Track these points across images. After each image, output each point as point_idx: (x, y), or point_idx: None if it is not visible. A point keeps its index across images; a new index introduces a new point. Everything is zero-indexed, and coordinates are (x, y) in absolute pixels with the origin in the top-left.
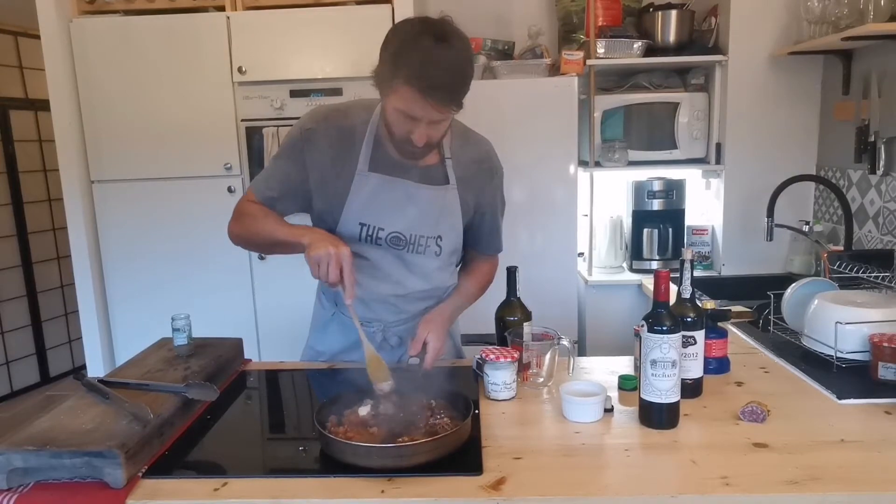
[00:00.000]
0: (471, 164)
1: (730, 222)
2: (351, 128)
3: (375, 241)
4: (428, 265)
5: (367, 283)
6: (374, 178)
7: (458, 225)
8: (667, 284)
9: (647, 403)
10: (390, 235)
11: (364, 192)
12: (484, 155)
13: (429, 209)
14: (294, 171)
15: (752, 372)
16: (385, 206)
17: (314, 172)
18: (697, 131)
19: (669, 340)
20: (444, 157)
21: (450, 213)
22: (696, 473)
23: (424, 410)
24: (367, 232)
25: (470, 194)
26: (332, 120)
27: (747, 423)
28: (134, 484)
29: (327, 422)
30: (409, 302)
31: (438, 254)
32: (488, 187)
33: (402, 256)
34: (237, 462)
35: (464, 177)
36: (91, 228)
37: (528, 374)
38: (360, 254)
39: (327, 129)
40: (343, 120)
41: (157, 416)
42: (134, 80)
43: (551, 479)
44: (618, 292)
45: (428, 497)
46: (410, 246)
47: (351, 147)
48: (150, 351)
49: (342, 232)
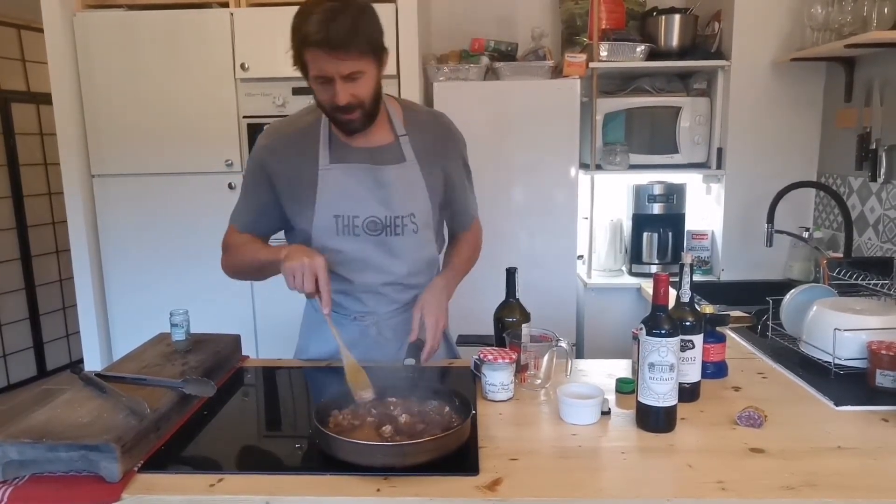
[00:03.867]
0: (426, 138)
1: (730, 227)
2: (303, 131)
3: (353, 230)
4: (408, 245)
5: (353, 275)
6: (338, 169)
7: (425, 199)
8: (666, 288)
9: (645, 407)
10: (367, 221)
11: (331, 184)
12: (438, 127)
13: (396, 188)
14: (263, 191)
15: (750, 377)
16: (354, 193)
17: (280, 182)
18: (699, 136)
19: (668, 344)
20: (397, 136)
21: (416, 189)
22: (692, 477)
23: (423, 410)
24: (343, 223)
25: (435, 168)
26: (283, 130)
27: (744, 427)
28: (130, 478)
29: (327, 418)
30: (399, 291)
31: (416, 231)
32: (452, 158)
33: (383, 241)
34: (233, 458)
35: (422, 151)
36: (91, 223)
37: (526, 376)
38: (342, 249)
39: (281, 139)
40: (293, 127)
41: (154, 410)
42: (136, 75)
43: (547, 480)
44: (617, 296)
45: (424, 497)
46: (388, 228)
47: (308, 149)
48: (147, 346)
49: (319, 229)
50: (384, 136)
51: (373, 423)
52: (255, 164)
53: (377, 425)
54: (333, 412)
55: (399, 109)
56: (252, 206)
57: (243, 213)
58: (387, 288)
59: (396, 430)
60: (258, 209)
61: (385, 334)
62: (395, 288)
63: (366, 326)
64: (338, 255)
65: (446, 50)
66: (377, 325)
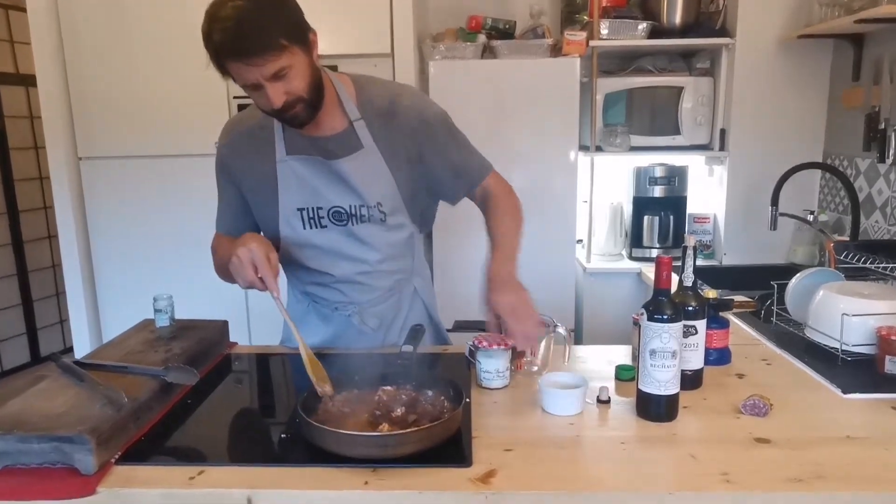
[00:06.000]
0: (384, 117)
1: (732, 210)
2: (259, 125)
3: (320, 222)
4: (377, 232)
5: (328, 268)
6: (295, 161)
7: (391, 185)
8: (668, 271)
9: (646, 395)
10: (332, 211)
11: (290, 177)
12: (396, 103)
13: (356, 178)
14: (232, 191)
15: (754, 364)
16: (315, 184)
17: (244, 180)
18: (701, 117)
19: (670, 330)
20: (351, 121)
21: (379, 176)
22: (695, 469)
23: (414, 398)
24: (308, 215)
25: (399, 148)
26: (239, 127)
27: (749, 416)
28: (106, 470)
29: (316, 406)
30: (377, 278)
31: (384, 220)
32: (420, 132)
33: (352, 231)
34: (216, 449)
35: (382, 134)
36: (79, 207)
37: (523, 363)
38: (312, 242)
39: (237, 136)
40: (249, 122)
41: (134, 399)
42: (124, 54)
43: (543, 471)
44: (617, 280)
45: (413, 489)
46: (354, 218)
47: (265, 143)
48: (131, 332)
49: (286, 224)
50: (336, 123)
51: (363, 413)
52: (219, 166)
53: (368, 416)
54: (323, 400)
55: (352, 89)
56: (228, 209)
57: (222, 217)
58: (363, 276)
59: (388, 421)
60: (234, 210)
61: (369, 323)
62: (371, 276)
63: (348, 316)
64: (311, 250)
65: (442, 28)
66: (360, 315)
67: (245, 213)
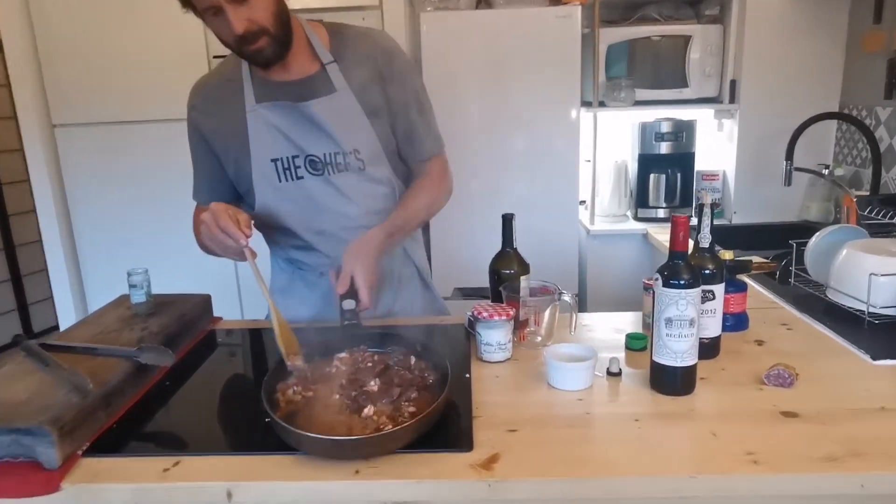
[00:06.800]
0: (359, 60)
1: (743, 166)
2: (227, 78)
3: (296, 172)
4: (355, 184)
5: (309, 223)
6: (265, 109)
7: (369, 132)
8: (686, 231)
9: (660, 367)
10: (308, 160)
11: (262, 127)
12: (372, 46)
13: (329, 123)
14: (206, 155)
15: (774, 329)
16: (288, 132)
17: (215, 139)
18: (710, 68)
19: (688, 296)
20: (323, 64)
21: (354, 120)
22: (718, 448)
23: (382, 364)
24: (283, 165)
25: (374, 94)
26: (206, 84)
27: (772, 387)
28: (72, 464)
29: (274, 396)
30: (360, 234)
31: (362, 168)
32: (390, 79)
33: (330, 181)
34: (194, 437)
35: (356, 77)
36: (56, 177)
37: (526, 333)
38: (289, 197)
39: (205, 94)
40: (216, 77)
41: (104, 384)
42: (95, 14)
43: (550, 454)
44: (621, 242)
45: (409, 478)
46: (330, 167)
47: (233, 96)
48: (107, 309)
49: (260, 180)
50: (307, 66)
51: (330, 394)
52: (190, 129)
53: (341, 397)
54: (279, 386)
55: (324, 34)
56: (204, 175)
57: (199, 186)
58: (345, 232)
59: (369, 400)
60: (210, 177)
61: None
62: (354, 232)
63: None
64: (288, 206)
65: None
66: None
67: (222, 179)
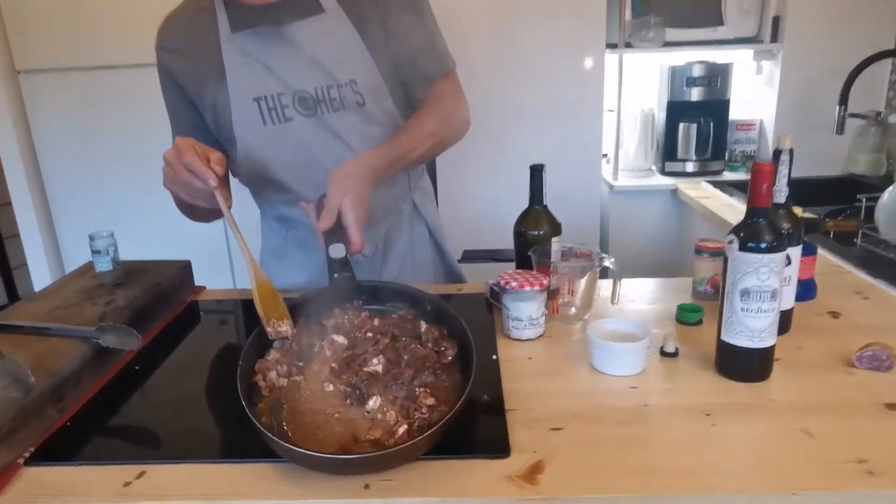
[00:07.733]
0: None
1: (783, 114)
2: (196, 11)
3: (283, 113)
4: (354, 124)
5: (301, 175)
6: (243, 38)
7: (366, 59)
8: (770, 182)
9: (732, 348)
10: (297, 97)
11: (239, 60)
12: None
13: (319, 48)
14: (181, 102)
15: (847, 298)
16: (271, 65)
17: (189, 82)
18: (749, 3)
19: (771, 262)
20: None
21: (348, 45)
22: (817, 453)
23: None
24: (269, 105)
25: (370, 15)
26: (172, 18)
27: (865, 371)
28: (12, 474)
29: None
30: None
31: (362, 102)
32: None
33: (323, 122)
34: (165, 439)
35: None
36: (23, 130)
37: (559, 305)
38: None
39: (174, 29)
40: (183, 14)
41: (55, 374)
42: None
43: (608, 461)
44: (648, 199)
45: (430, 496)
46: (323, 104)
47: (205, 29)
48: (69, 278)
49: (242, 122)
50: None
51: (322, 381)
52: (161, 73)
53: (335, 383)
54: (259, 366)
55: None
56: (181, 127)
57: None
58: None
59: (373, 385)
60: (188, 127)
61: None
62: None
63: None
64: (276, 154)
65: None
66: None
67: (199, 127)
